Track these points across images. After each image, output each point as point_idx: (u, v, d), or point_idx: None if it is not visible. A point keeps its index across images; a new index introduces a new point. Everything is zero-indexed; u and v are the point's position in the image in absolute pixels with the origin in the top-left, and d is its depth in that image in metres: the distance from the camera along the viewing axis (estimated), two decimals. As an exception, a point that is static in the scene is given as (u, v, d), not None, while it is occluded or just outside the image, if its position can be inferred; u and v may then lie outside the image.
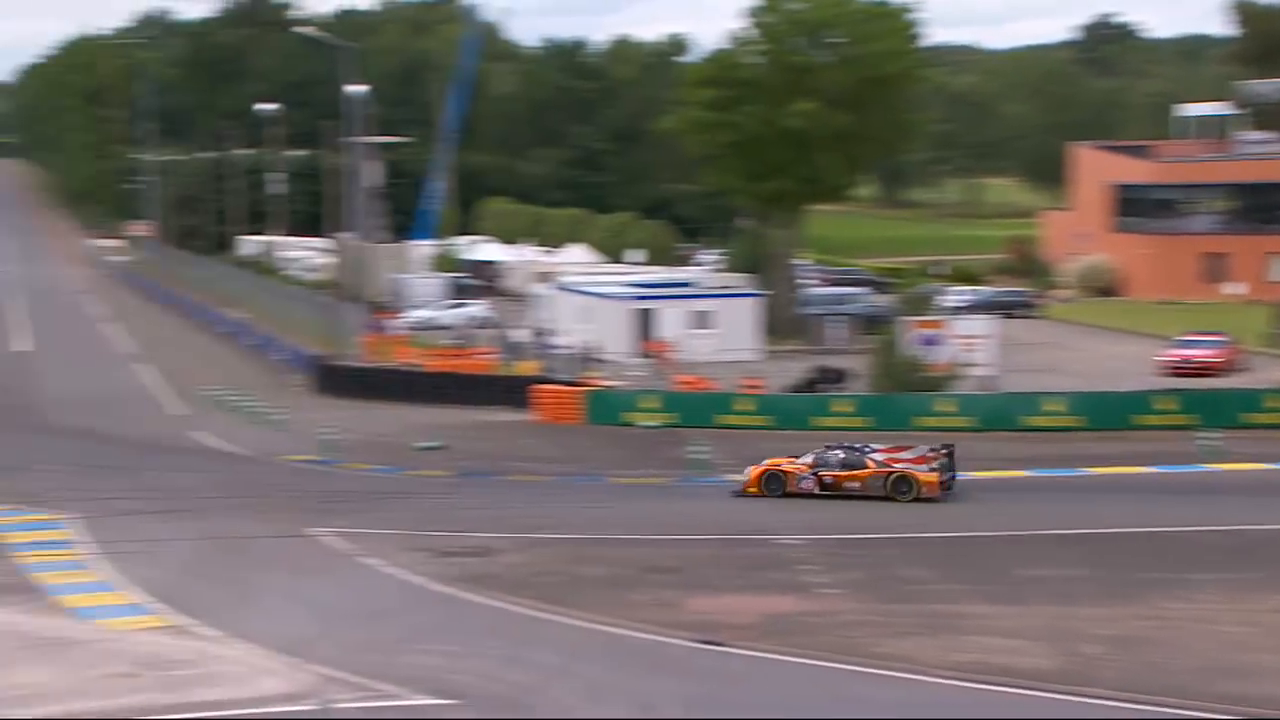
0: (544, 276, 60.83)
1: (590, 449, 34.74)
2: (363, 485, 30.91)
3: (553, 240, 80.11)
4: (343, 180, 63.36)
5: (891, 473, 27.70)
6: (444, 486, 30.84)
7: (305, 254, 76.89)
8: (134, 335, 59.57)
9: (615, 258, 71.39)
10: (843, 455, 28.22)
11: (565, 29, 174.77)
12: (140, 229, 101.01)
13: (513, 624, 20.10)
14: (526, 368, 43.54)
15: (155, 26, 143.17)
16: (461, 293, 62.86)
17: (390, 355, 47.57)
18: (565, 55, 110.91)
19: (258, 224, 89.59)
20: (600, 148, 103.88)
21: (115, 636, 19.28)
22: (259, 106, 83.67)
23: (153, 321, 66.50)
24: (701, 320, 48.81)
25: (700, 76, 56.62)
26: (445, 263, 71.07)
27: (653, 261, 68.47)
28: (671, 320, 48.29)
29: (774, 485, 28.15)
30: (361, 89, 54.76)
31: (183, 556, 23.93)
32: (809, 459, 28.37)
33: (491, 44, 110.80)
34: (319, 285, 67.05)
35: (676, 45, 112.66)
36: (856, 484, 27.75)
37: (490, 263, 71.68)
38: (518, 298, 62.49)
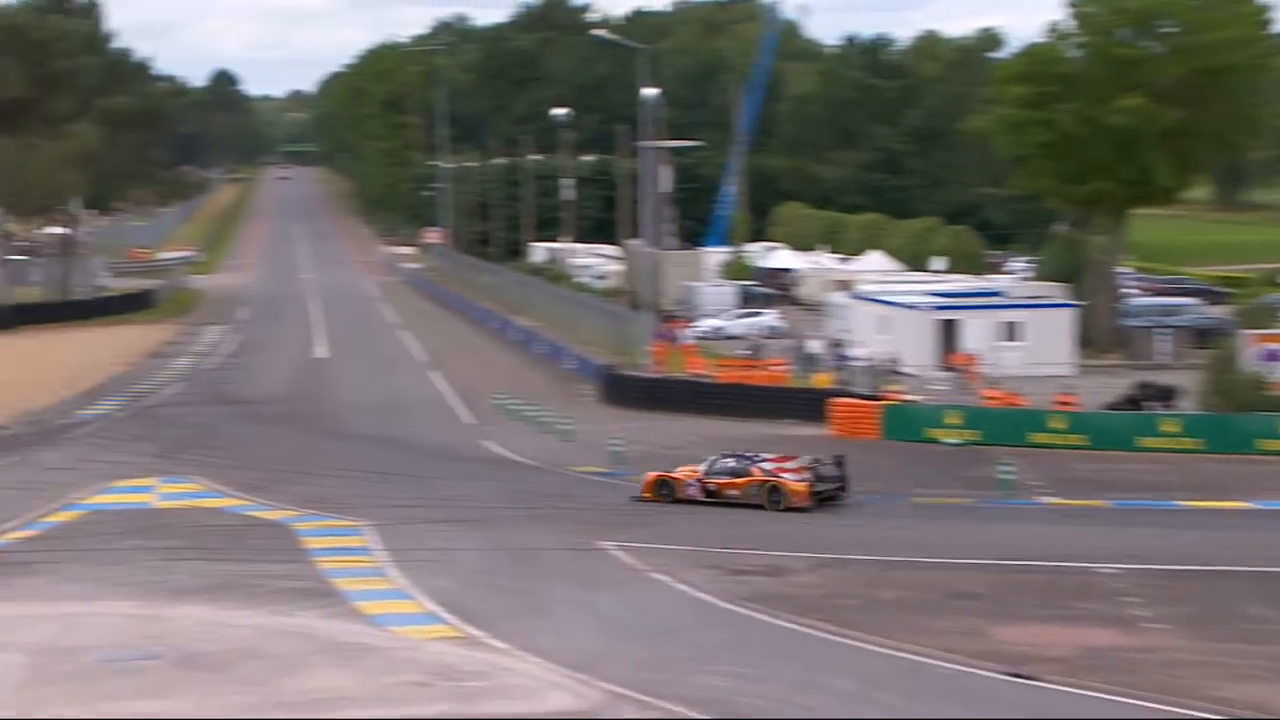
0: (840, 285, 60.43)
1: (888, 466, 34.35)
2: (651, 498, 31.35)
3: (850, 247, 79.59)
4: (634, 185, 64.60)
5: (767, 481, 29.42)
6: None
7: (595, 261, 78.58)
8: (426, 342, 62.10)
9: (917, 265, 70.38)
10: (733, 463, 30.04)
11: (867, 25, 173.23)
12: (433, 235, 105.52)
13: (806, 647, 20.04)
14: (821, 380, 43.38)
15: (452, 33, 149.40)
16: (754, 301, 63.08)
17: (680, 365, 48.09)
18: (867, 53, 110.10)
19: (548, 230, 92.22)
20: (902, 149, 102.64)
21: (409, 645, 20.12)
22: (552, 111, 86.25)
23: (444, 328, 69.19)
24: (1010, 332, 47.60)
25: (1013, 72, 55.27)
26: (737, 270, 71.45)
27: (957, 269, 67.20)
28: (977, 331, 47.26)
29: (665, 491, 30.21)
30: (654, 91, 55.68)
31: (473, 566, 24.78)
32: (703, 466, 30.29)
33: (789, 42, 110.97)
34: (608, 293, 68.49)
35: (987, 40, 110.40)
36: (736, 491, 29.68)
37: (784, 270, 71.66)
38: (812, 307, 62.27)
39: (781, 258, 75.68)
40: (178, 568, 24.41)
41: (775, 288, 67.81)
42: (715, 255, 74.49)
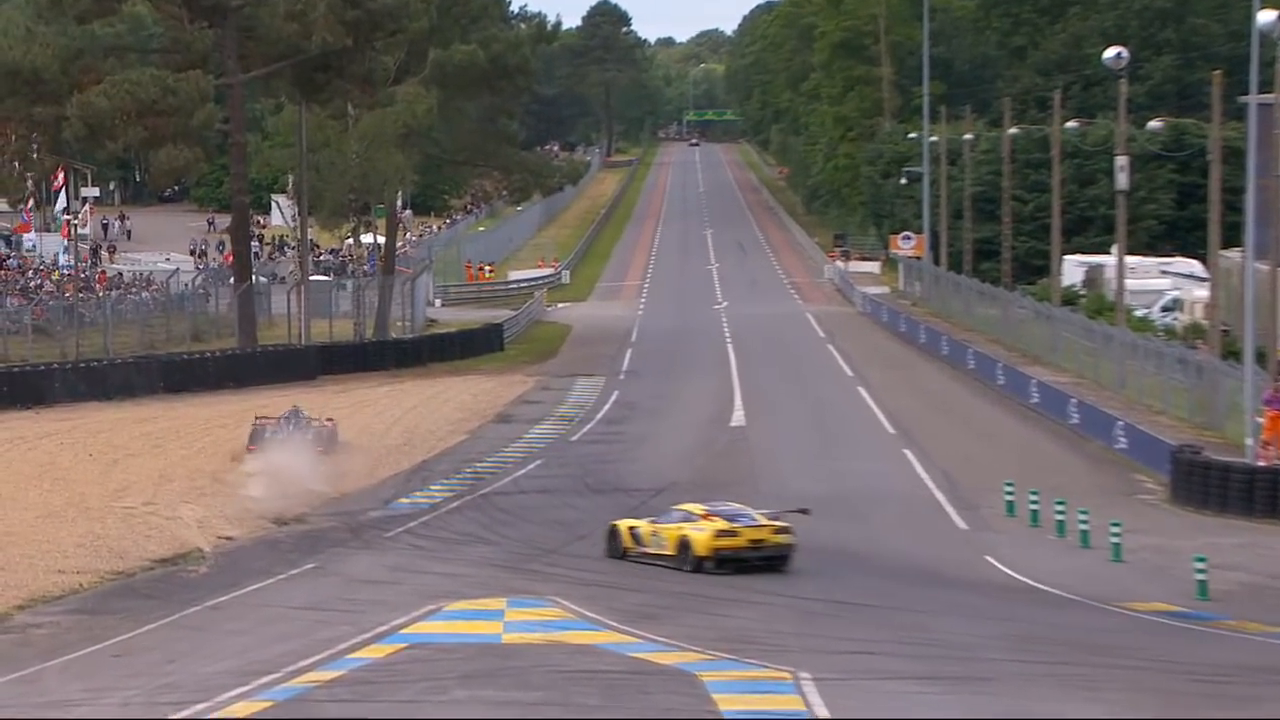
0: None
1: None
2: (1261, 657, 30.39)
3: None
4: (1231, 166, 62.73)
5: None
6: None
7: (1164, 283, 76.98)
8: (895, 403, 62.53)
9: None
10: None
11: None
12: (907, 244, 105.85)
13: None
14: None
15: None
16: None
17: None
18: None
19: (1088, 236, 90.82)
20: None
21: None
22: (1103, 55, 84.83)
23: (922, 383, 69.60)
24: None
25: None
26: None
27: None
28: None
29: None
30: (1274, 16, 53.90)
31: (969, 749, 24.44)
32: None
33: None
34: (1187, 333, 66.75)
35: None
36: None
37: None
38: None
39: None
40: (536, 733, 24.95)
41: None
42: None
